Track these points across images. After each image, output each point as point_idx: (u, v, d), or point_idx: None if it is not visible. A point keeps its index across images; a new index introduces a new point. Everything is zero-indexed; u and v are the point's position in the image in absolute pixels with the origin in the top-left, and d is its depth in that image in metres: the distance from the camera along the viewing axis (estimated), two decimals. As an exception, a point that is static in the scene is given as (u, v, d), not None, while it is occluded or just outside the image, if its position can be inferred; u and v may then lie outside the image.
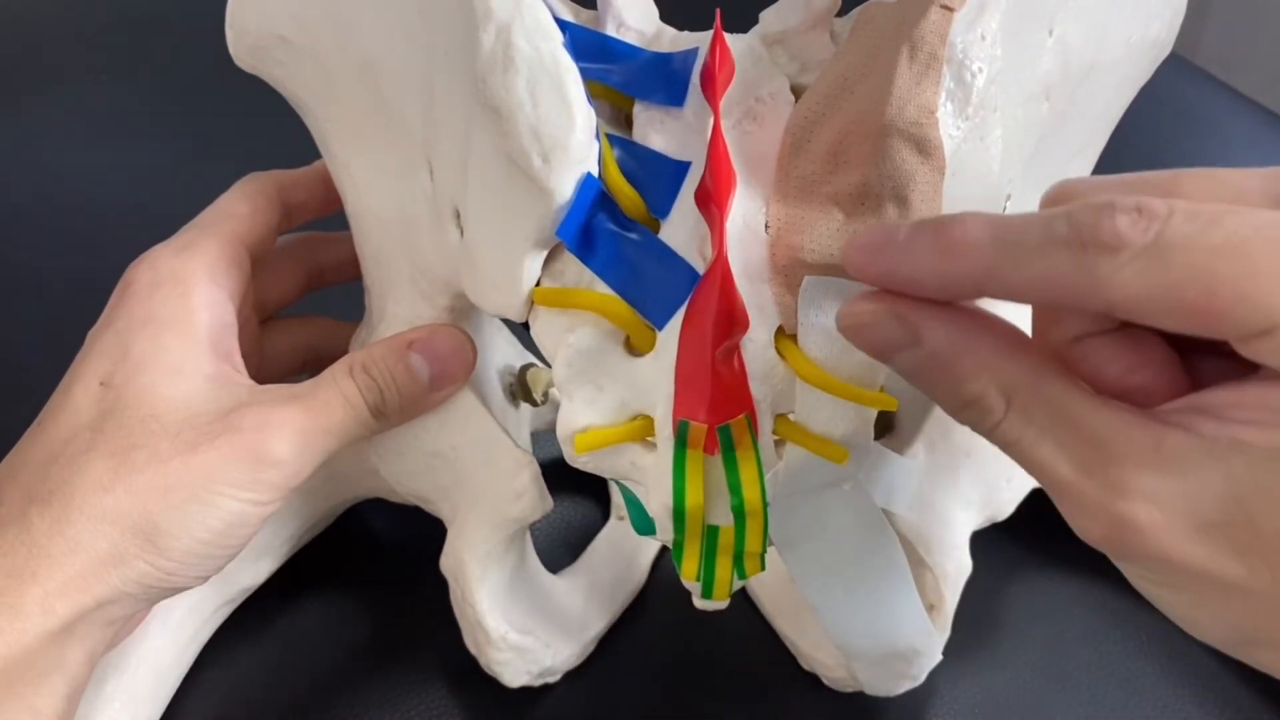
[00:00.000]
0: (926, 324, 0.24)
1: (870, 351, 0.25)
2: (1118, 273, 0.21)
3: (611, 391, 0.29)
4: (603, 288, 0.28)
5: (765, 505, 0.28)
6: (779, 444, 0.29)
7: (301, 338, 0.41)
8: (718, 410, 0.27)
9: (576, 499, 0.44)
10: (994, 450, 0.34)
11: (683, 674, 0.40)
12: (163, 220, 0.39)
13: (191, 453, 0.31)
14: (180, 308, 0.33)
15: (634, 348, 0.29)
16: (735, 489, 0.28)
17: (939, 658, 0.36)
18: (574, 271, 0.29)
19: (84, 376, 0.32)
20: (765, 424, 0.28)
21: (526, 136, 0.27)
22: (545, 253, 0.29)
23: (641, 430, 0.29)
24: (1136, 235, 0.21)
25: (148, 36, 0.62)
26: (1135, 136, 0.52)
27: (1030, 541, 0.41)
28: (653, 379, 0.28)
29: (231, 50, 0.36)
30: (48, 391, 0.34)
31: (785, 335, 0.28)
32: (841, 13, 0.32)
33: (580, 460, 0.30)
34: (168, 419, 0.31)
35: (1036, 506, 0.38)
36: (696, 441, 0.27)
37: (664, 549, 0.42)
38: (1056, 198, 0.25)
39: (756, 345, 0.28)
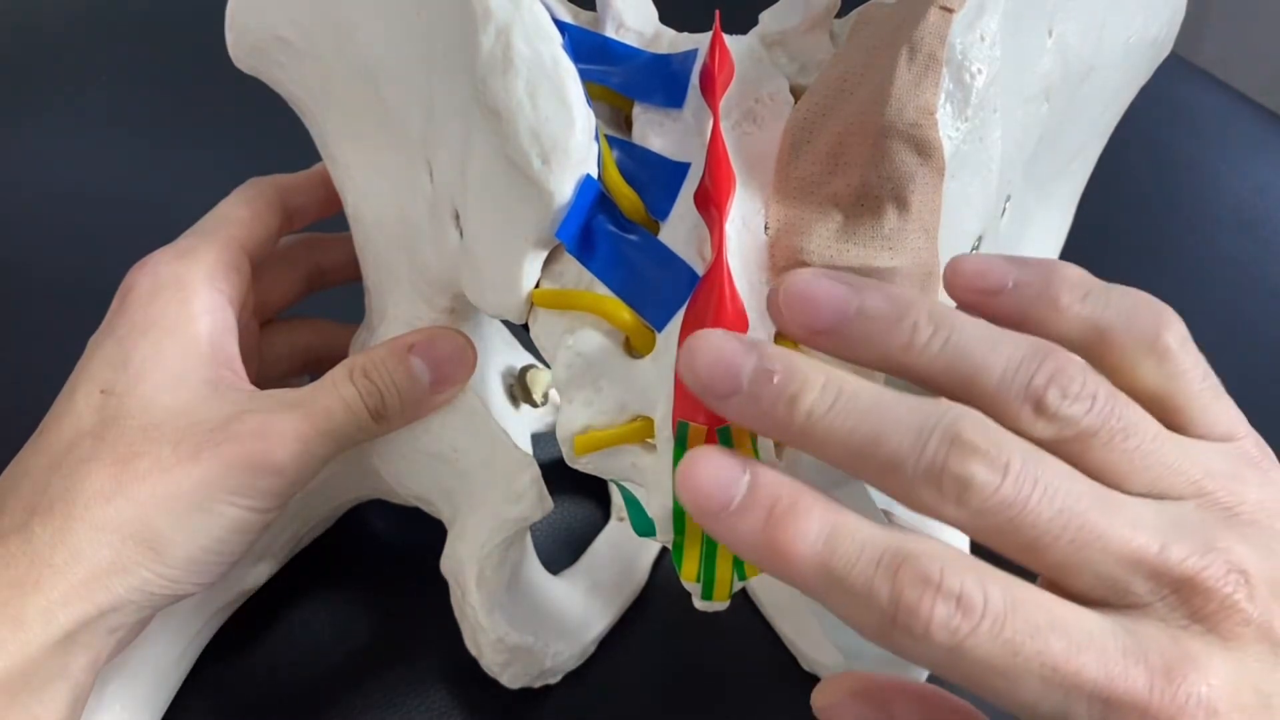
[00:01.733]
0: (895, 700, 0.25)
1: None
2: (912, 653, 0.22)
3: (611, 393, 0.29)
4: (602, 289, 0.28)
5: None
6: (778, 446, 0.29)
7: (301, 340, 0.41)
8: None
9: (577, 500, 0.44)
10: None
11: (683, 675, 0.40)
12: (163, 223, 0.39)
13: (193, 461, 0.31)
14: (181, 314, 0.33)
15: (633, 349, 0.29)
16: (735, 490, 0.28)
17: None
18: (573, 273, 0.29)
19: (85, 384, 0.33)
20: (765, 426, 0.28)
21: (526, 138, 0.27)
22: (545, 254, 0.29)
23: (641, 432, 0.29)
24: (944, 636, 0.21)
25: (148, 38, 0.62)
26: (1135, 136, 0.52)
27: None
28: (652, 380, 0.28)
29: (231, 52, 0.36)
30: (49, 395, 0.34)
31: (784, 337, 0.28)
32: (841, 14, 0.32)
33: (580, 462, 0.30)
34: (169, 427, 0.31)
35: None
36: (696, 443, 0.27)
37: (664, 551, 0.42)
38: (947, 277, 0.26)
39: (756, 347, 0.28)
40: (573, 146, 0.27)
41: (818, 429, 0.23)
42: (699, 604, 0.32)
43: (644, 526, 0.31)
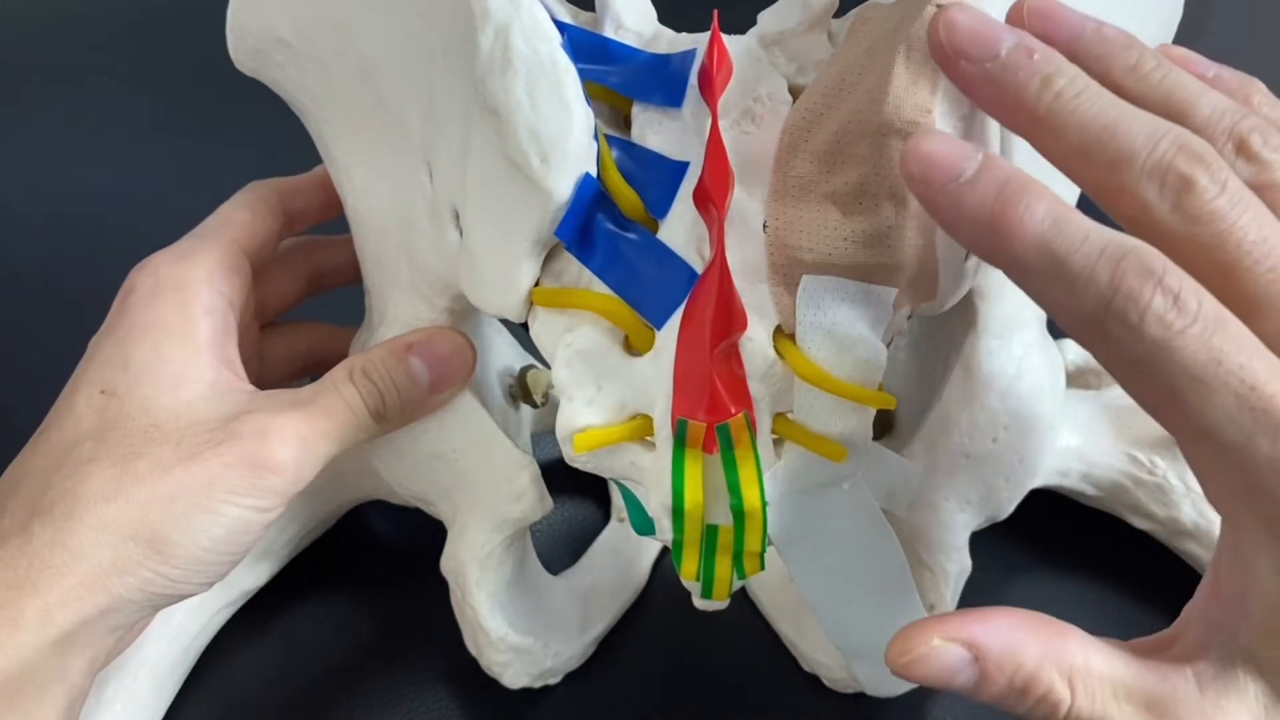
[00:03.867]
0: (979, 638, 0.25)
1: (934, 681, 0.25)
2: (1115, 346, 0.22)
3: (610, 391, 0.29)
4: (601, 288, 0.28)
5: (764, 504, 0.28)
6: (778, 443, 0.29)
7: (301, 342, 0.41)
8: (716, 409, 0.27)
9: (577, 500, 0.44)
10: (993, 450, 0.34)
11: (683, 676, 0.40)
12: (163, 223, 0.39)
13: (193, 461, 0.31)
14: (181, 315, 0.33)
15: (633, 347, 0.29)
16: (734, 488, 0.28)
17: (939, 658, 0.36)
18: (573, 272, 0.29)
19: (86, 385, 0.33)
20: (764, 423, 0.28)
21: (525, 137, 0.27)
22: (544, 253, 0.29)
23: (640, 430, 0.29)
24: (1156, 328, 0.22)
25: (148, 40, 0.62)
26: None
27: (1030, 541, 0.41)
28: (651, 378, 0.28)
29: (232, 53, 0.36)
30: (49, 397, 0.34)
31: (784, 334, 0.28)
32: (839, 14, 0.32)
33: (579, 460, 0.30)
34: (169, 427, 0.31)
35: (1036, 506, 0.38)
36: (695, 440, 0.27)
37: (664, 551, 0.42)
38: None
39: (755, 344, 0.28)
40: (571, 145, 0.27)
41: (1063, 110, 0.23)
42: (699, 603, 0.32)
43: (644, 525, 0.31)
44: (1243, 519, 0.23)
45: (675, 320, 0.28)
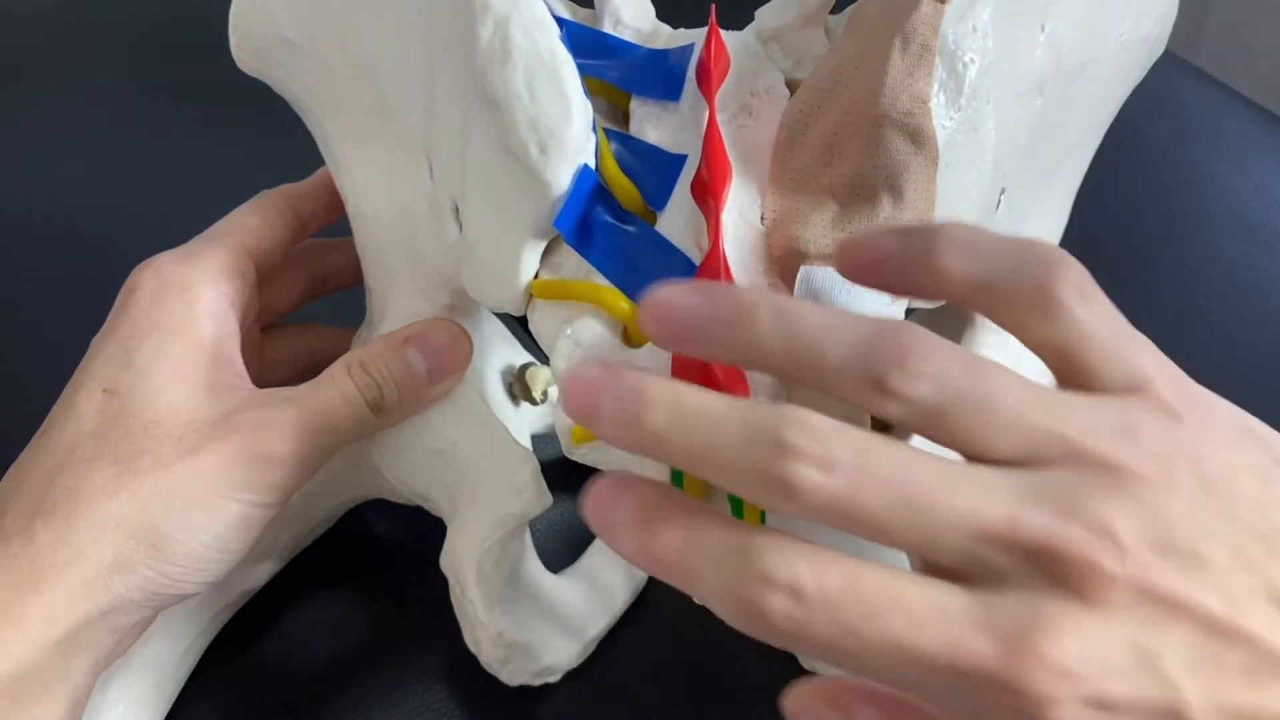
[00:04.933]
0: (855, 702, 0.25)
1: None
2: (772, 639, 0.22)
3: (609, 383, 0.29)
4: (600, 279, 0.29)
5: (762, 497, 0.28)
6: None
7: (302, 344, 0.41)
8: (714, 400, 0.27)
9: (576, 499, 0.44)
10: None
11: (683, 675, 0.40)
12: (164, 223, 0.39)
13: (193, 456, 0.31)
14: (184, 315, 0.33)
15: (631, 339, 0.29)
16: (732, 480, 0.28)
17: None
18: (572, 264, 0.29)
19: (88, 384, 0.33)
20: (762, 414, 0.28)
21: (524, 128, 0.27)
22: (543, 244, 0.29)
23: (639, 422, 0.29)
24: (786, 625, 0.22)
25: (150, 40, 0.62)
26: (1134, 137, 0.52)
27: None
28: (650, 370, 0.28)
29: (235, 53, 0.36)
30: (50, 396, 0.34)
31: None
32: (835, 10, 0.32)
33: (578, 453, 0.30)
34: (170, 424, 0.31)
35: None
36: (693, 432, 0.27)
37: (665, 550, 0.42)
38: None
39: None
40: (570, 136, 0.27)
41: (663, 444, 0.23)
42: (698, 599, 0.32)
43: (642, 519, 0.31)
44: None
45: (673, 312, 0.28)
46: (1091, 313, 0.24)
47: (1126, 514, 0.22)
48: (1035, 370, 0.35)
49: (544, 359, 0.39)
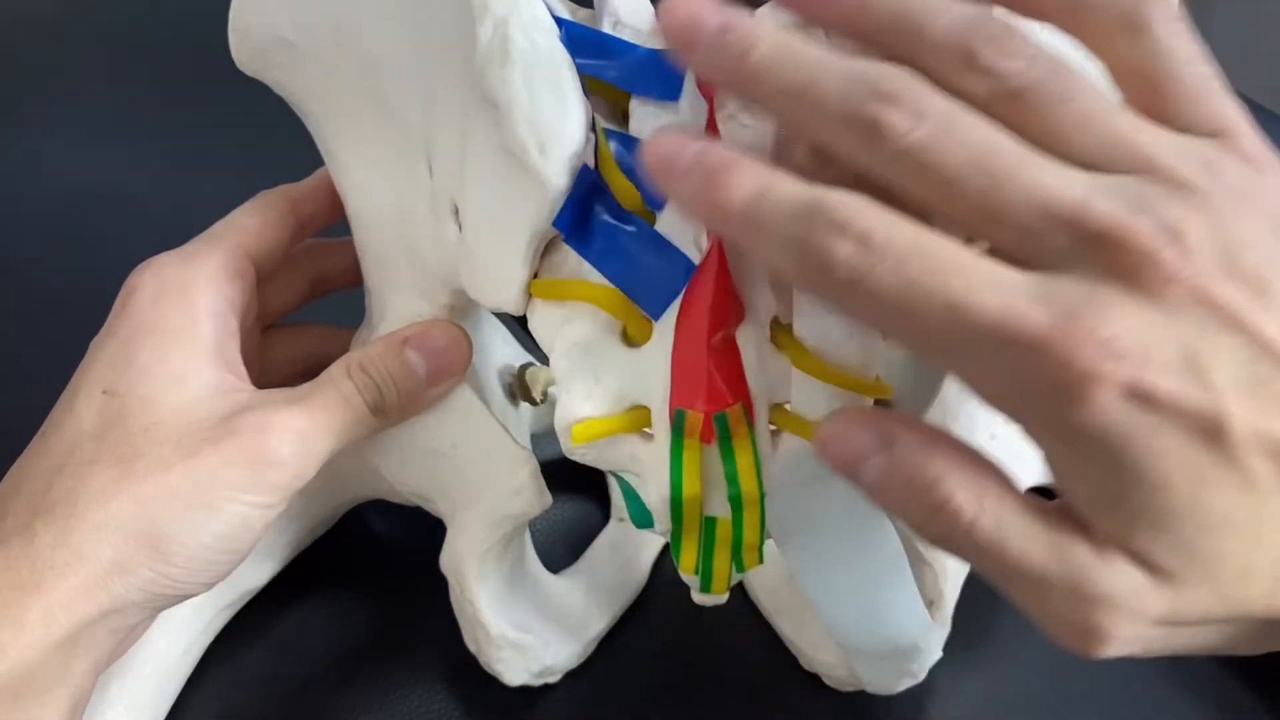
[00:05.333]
0: (897, 431, 0.24)
1: (839, 463, 0.25)
2: (826, 289, 0.23)
3: (609, 383, 0.29)
4: (599, 279, 0.29)
5: (762, 496, 0.29)
6: (776, 434, 0.29)
7: (302, 345, 0.41)
8: (714, 399, 0.27)
9: (576, 500, 0.44)
10: (991, 446, 0.34)
11: (683, 676, 0.40)
12: (163, 224, 0.39)
13: (193, 458, 0.31)
14: (184, 316, 0.33)
15: (631, 338, 0.29)
16: (732, 479, 0.28)
17: (939, 654, 0.36)
18: (571, 263, 0.29)
19: (87, 385, 0.33)
20: (761, 413, 0.28)
21: (523, 128, 0.27)
22: (542, 244, 0.29)
23: (639, 421, 0.29)
24: (845, 272, 0.22)
25: (149, 41, 0.62)
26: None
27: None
28: (649, 369, 0.28)
29: (234, 54, 0.36)
30: (49, 397, 0.34)
31: (781, 325, 0.28)
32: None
33: (578, 452, 0.30)
34: (170, 426, 0.31)
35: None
36: (693, 431, 0.27)
37: (664, 551, 0.42)
38: None
39: (752, 335, 0.28)
40: (569, 136, 0.27)
41: (761, 78, 0.24)
42: (697, 597, 0.32)
43: (642, 518, 0.31)
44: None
45: (673, 311, 0.28)
46: (1181, 45, 0.24)
47: (1196, 224, 0.22)
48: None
49: (543, 359, 0.39)
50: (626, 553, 0.42)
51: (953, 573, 0.36)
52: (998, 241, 0.23)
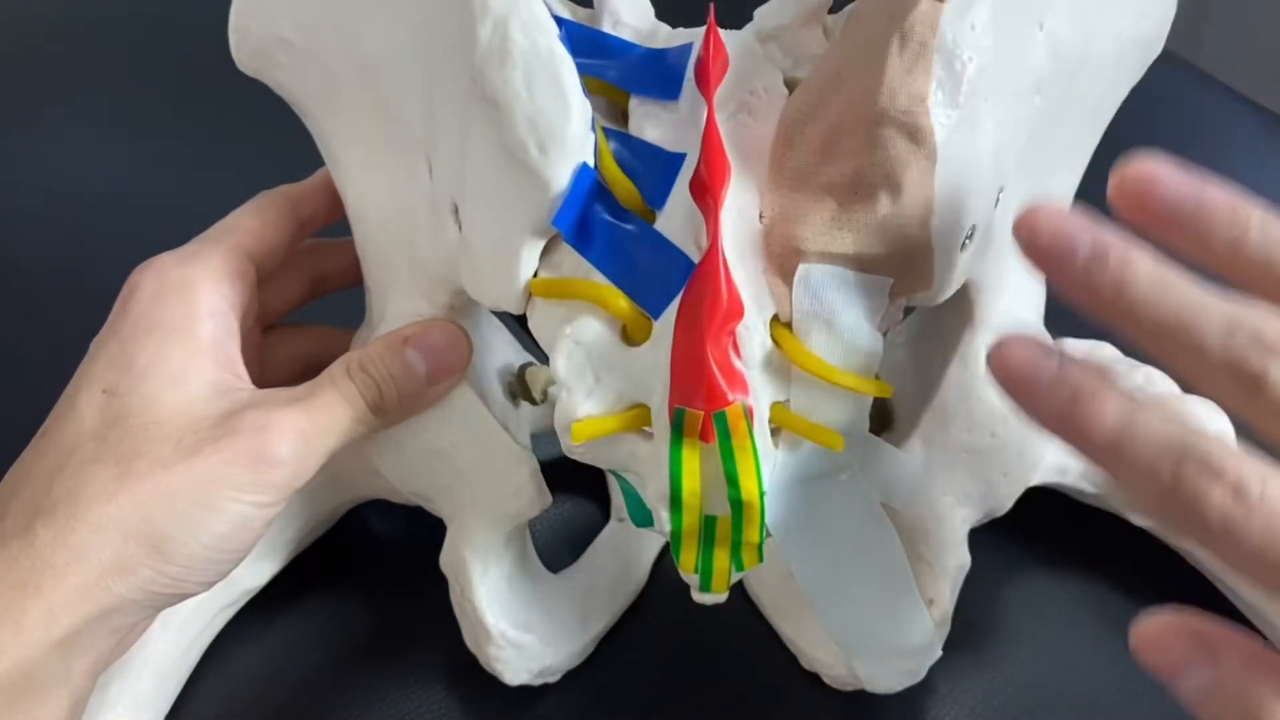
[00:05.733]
0: (1221, 645, 0.25)
1: (1158, 667, 0.25)
2: (1189, 526, 0.23)
3: (609, 381, 0.29)
4: (599, 278, 0.29)
5: (762, 494, 0.29)
6: (775, 433, 0.29)
7: (302, 345, 0.41)
8: (713, 398, 0.27)
9: (577, 500, 0.44)
10: (991, 445, 0.34)
11: (683, 675, 0.40)
12: (164, 224, 0.39)
13: (193, 457, 0.31)
14: (184, 316, 0.33)
15: (631, 337, 0.29)
16: (732, 478, 0.28)
17: (939, 653, 0.36)
18: (571, 262, 0.29)
19: (88, 385, 0.33)
20: (761, 412, 0.28)
21: (523, 127, 0.27)
22: (542, 243, 0.29)
23: (639, 419, 0.29)
24: (1217, 518, 0.23)
25: (150, 41, 0.63)
26: (1134, 137, 0.52)
27: (1030, 540, 0.41)
28: (649, 368, 0.28)
29: (234, 54, 0.36)
30: (49, 397, 0.34)
31: (780, 323, 0.28)
32: (834, 9, 0.32)
33: (578, 451, 0.30)
34: (170, 425, 0.31)
35: (1036, 505, 0.38)
36: (693, 429, 0.27)
37: (664, 550, 0.42)
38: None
39: (752, 333, 0.28)
40: (569, 135, 0.27)
41: (1139, 309, 0.25)
42: (697, 596, 0.32)
43: (642, 517, 0.31)
44: None
45: (673, 310, 0.28)
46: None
47: None
48: None
49: (543, 359, 0.39)
50: (626, 553, 0.42)
51: (952, 572, 0.36)
52: None
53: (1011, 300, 0.34)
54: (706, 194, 0.27)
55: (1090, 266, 0.25)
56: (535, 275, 0.30)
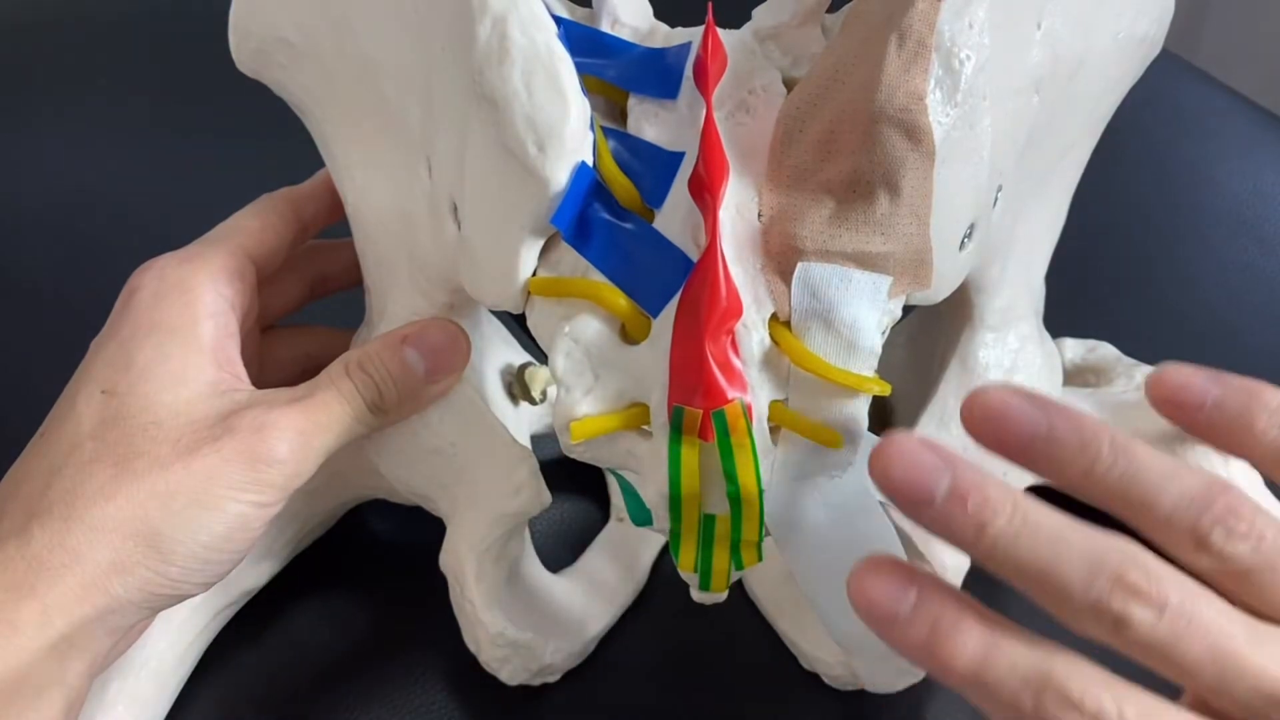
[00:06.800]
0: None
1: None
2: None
3: (608, 380, 0.29)
4: (598, 276, 0.29)
5: (761, 492, 0.29)
6: (774, 430, 0.29)
7: (302, 346, 0.41)
8: (712, 396, 0.27)
9: (576, 499, 0.44)
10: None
11: (683, 675, 0.40)
12: (164, 225, 0.39)
13: (192, 457, 0.31)
14: (184, 316, 0.34)
15: (629, 336, 0.29)
16: (731, 476, 0.28)
17: (939, 653, 0.36)
18: (570, 261, 0.29)
19: (87, 385, 0.33)
20: (760, 410, 0.28)
21: (522, 125, 0.27)
22: (541, 242, 0.29)
23: (638, 418, 0.29)
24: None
25: (150, 42, 0.63)
26: (1132, 136, 0.52)
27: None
28: (648, 366, 0.28)
29: (234, 55, 0.36)
30: (49, 398, 0.34)
31: (779, 322, 0.28)
32: (832, 9, 0.32)
33: (577, 449, 0.30)
34: (169, 425, 0.31)
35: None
36: (692, 428, 0.27)
37: (664, 550, 0.42)
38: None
39: (750, 331, 0.28)
40: (568, 133, 0.27)
41: (1000, 554, 0.24)
42: (696, 595, 0.32)
43: (641, 516, 0.31)
44: None
45: (672, 308, 0.28)
46: None
47: None
48: (1034, 369, 0.35)
49: (543, 359, 0.39)
50: (626, 553, 0.42)
51: (951, 572, 0.36)
52: (1217, 706, 0.24)
53: (1009, 299, 0.34)
54: (705, 193, 0.27)
55: (949, 509, 0.24)
56: (534, 274, 0.30)
